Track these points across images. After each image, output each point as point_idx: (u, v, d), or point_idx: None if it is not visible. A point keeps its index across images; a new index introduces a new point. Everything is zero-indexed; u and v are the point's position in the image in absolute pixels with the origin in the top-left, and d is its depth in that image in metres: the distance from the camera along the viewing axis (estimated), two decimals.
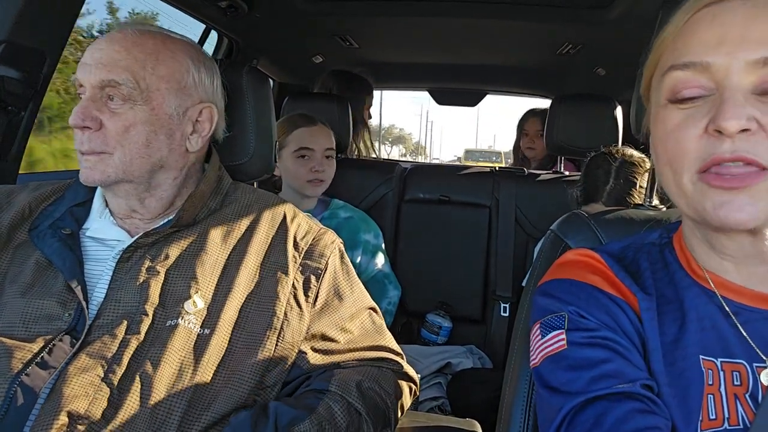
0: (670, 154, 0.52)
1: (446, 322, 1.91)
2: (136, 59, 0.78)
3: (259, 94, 1.00)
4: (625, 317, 0.56)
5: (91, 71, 0.76)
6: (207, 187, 0.86)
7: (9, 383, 0.65)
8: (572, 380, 0.53)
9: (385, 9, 1.78)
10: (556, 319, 0.57)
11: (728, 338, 0.53)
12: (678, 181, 0.52)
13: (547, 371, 0.56)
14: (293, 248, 0.85)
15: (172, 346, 0.70)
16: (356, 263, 1.68)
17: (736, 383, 0.51)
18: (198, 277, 0.76)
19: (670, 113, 0.52)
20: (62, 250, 0.77)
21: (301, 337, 0.80)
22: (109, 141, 0.77)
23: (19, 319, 0.71)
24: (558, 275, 0.62)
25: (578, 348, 0.54)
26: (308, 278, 0.84)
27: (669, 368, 0.54)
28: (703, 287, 0.56)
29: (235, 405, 0.71)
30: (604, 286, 0.59)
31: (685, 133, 0.50)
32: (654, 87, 0.57)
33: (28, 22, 0.99)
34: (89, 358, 0.68)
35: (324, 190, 1.66)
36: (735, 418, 0.50)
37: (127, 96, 0.77)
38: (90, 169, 0.77)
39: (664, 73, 0.53)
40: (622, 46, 1.82)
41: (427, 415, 1.14)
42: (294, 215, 0.91)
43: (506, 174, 2.07)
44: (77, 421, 0.64)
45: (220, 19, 1.71)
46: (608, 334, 0.55)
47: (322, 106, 1.83)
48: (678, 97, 0.51)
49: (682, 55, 0.52)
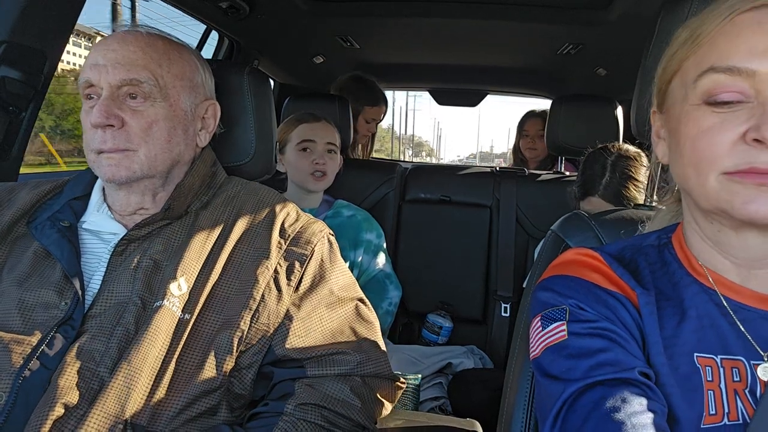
0: (699, 155, 0.52)
1: (447, 322, 1.91)
2: (152, 58, 0.80)
3: (260, 94, 1.00)
4: (624, 311, 0.57)
5: (108, 71, 0.78)
6: (195, 179, 0.87)
7: (13, 379, 0.66)
8: (572, 368, 0.54)
9: (386, 9, 1.79)
10: (556, 312, 0.58)
11: (727, 336, 0.54)
12: (701, 179, 0.52)
13: (547, 361, 0.57)
14: (279, 235, 0.86)
15: (158, 329, 0.71)
16: (357, 262, 1.68)
17: (736, 379, 0.52)
18: (184, 263, 0.78)
19: (703, 114, 0.52)
20: (60, 240, 0.78)
21: (278, 320, 0.80)
22: (133, 138, 0.79)
23: (16, 308, 0.72)
24: (558, 272, 0.63)
25: (578, 338, 0.55)
26: (292, 263, 0.84)
27: (669, 361, 0.54)
28: (702, 285, 0.57)
29: (211, 386, 0.72)
30: (604, 283, 0.59)
31: (720, 137, 0.50)
32: (682, 84, 0.55)
33: (29, 23, 0.99)
34: (84, 348, 0.70)
35: (327, 186, 1.67)
36: (735, 414, 0.51)
37: (148, 94, 0.79)
38: (115, 166, 0.79)
39: (702, 73, 0.52)
40: (623, 46, 1.82)
41: (427, 414, 1.14)
42: (284, 204, 0.92)
43: (507, 174, 2.07)
44: (72, 412, 0.65)
45: (221, 19, 1.71)
46: (607, 325, 0.55)
47: (323, 107, 1.84)
48: (715, 99, 0.51)
49: (725, 58, 0.50)
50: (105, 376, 0.68)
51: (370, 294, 1.63)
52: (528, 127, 2.61)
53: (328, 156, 1.64)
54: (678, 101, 0.56)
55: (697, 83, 0.52)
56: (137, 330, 0.72)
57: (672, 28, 0.72)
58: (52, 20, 1.04)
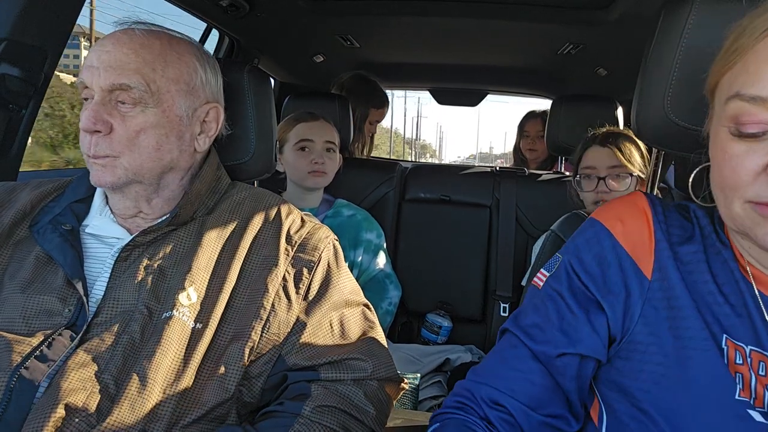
0: (725, 181, 0.52)
1: (446, 321, 1.91)
2: (145, 61, 0.77)
3: (260, 93, 1.00)
4: (621, 277, 0.60)
5: (100, 74, 0.76)
6: (203, 185, 0.86)
7: (9, 376, 0.65)
8: (522, 312, 0.67)
9: (387, 9, 1.79)
10: (555, 259, 0.67)
11: (760, 330, 0.54)
12: (728, 204, 0.53)
13: (529, 292, 0.69)
14: (286, 242, 0.85)
15: (168, 340, 0.70)
16: (357, 262, 1.68)
17: (761, 373, 0.52)
18: (193, 273, 0.76)
19: (729, 141, 0.52)
20: (63, 245, 0.77)
21: (287, 329, 0.79)
22: (115, 146, 0.77)
23: (19, 315, 0.71)
24: (601, 213, 0.65)
25: (545, 294, 0.65)
26: (300, 270, 0.83)
27: (699, 312, 0.56)
28: (743, 276, 0.57)
29: (223, 397, 0.71)
30: (626, 243, 0.61)
31: (744, 166, 0.50)
32: (718, 100, 0.55)
33: (29, 21, 0.99)
34: (88, 354, 0.69)
35: (326, 184, 1.67)
36: (761, 402, 0.51)
37: (138, 99, 0.76)
38: (101, 171, 0.77)
39: (730, 98, 0.52)
40: (623, 46, 1.82)
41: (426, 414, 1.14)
42: (289, 211, 0.90)
43: (507, 174, 2.08)
44: (74, 414, 0.64)
45: (222, 18, 1.71)
46: (571, 300, 0.62)
47: (323, 105, 1.84)
48: (740, 130, 0.50)
49: (750, 85, 0.49)
50: (109, 383, 0.67)
51: (370, 294, 1.64)
52: (528, 127, 2.62)
53: (327, 155, 1.64)
54: (715, 114, 0.56)
55: (726, 106, 0.52)
56: (143, 339, 0.71)
57: (672, 29, 0.72)
58: (53, 18, 1.04)
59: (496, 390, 0.62)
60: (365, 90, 2.34)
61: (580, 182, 1.47)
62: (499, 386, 0.62)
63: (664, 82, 0.72)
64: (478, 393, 0.63)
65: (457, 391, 0.66)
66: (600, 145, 1.47)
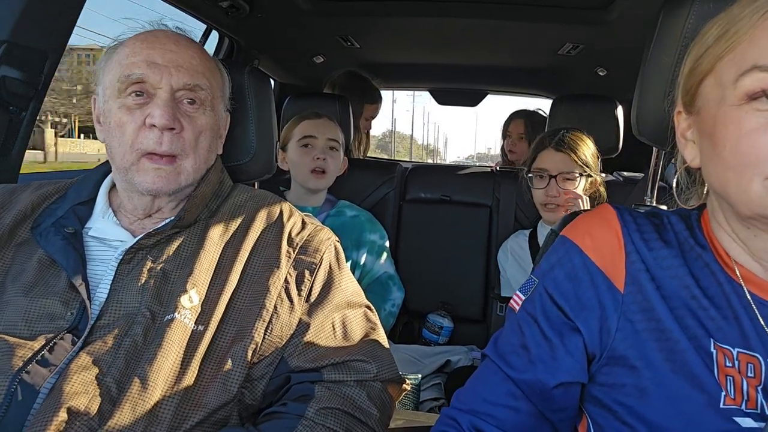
0: (742, 159, 0.50)
1: (447, 322, 1.91)
2: (206, 66, 0.81)
3: (261, 94, 1.00)
4: (594, 292, 0.59)
5: (171, 73, 0.76)
6: (208, 188, 0.86)
7: (10, 380, 0.65)
8: (501, 337, 0.66)
9: (387, 9, 1.79)
10: (531, 282, 0.66)
11: (747, 330, 0.53)
12: (744, 184, 0.50)
13: (507, 314, 0.69)
14: (287, 244, 0.85)
15: (170, 342, 0.70)
16: (361, 263, 1.68)
17: (750, 375, 0.52)
18: (195, 275, 0.76)
19: (746, 114, 0.49)
20: (66, 248, 0.76)
21: (290, 332, 0.79)
22: (186, 146, 0.78)
23: (22, 318, 0.71)
24: (571, 230, 0.64)
25: (521, 318, 0.64)
26: (302, 273, 0.83)
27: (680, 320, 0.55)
28: (729, 277, 0.56)
29: (225, 399, 0.71)
30: (595, 257, 0.60)
31: (765, 138, 0.48)
32: (717, 84, 0.53)
33: (29, 23, 0.99)
34: (90, 357, 0.68)
35: (327, 185, 1.67)
36: (754, 403, 0.51)
37: (203, 101, 0.79)
38: (164, 179, 0.78)
39: (745, 72, 0.50)
40: (623, 46, 1.82)
41: (427, 414, 1.14)
42: (290, 213, 0.91)
43: (507, 174, 2.07)
44: (76, 418, 0.64)
45: (222, 19, 1.71)
46: (545, 324, 0.61)
47: (323, 106, 1.84)
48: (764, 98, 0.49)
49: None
50: (112, 386, 0.67)
51: (373, 295, 1.64)
52: (511, 128, 2.53)
53: (330, 153, 1.64)
54: (713, 102, 0.54)
55: (738, 83, 0.50)
56: (146, 342, 0.71)
57: (672, 29, 0.72)
58: (53, 20, 1.04)
59: (481, 420, 0.61)
60: (358, 86, 2.33)
61: (532, 179, 1.55)
62: (482, 415, 0.62)
63: (664, 82, 0.72)
64: (464, 422, 0.62)
65: (443, 420, 0.65)
66: (554, 149, 1.51)
